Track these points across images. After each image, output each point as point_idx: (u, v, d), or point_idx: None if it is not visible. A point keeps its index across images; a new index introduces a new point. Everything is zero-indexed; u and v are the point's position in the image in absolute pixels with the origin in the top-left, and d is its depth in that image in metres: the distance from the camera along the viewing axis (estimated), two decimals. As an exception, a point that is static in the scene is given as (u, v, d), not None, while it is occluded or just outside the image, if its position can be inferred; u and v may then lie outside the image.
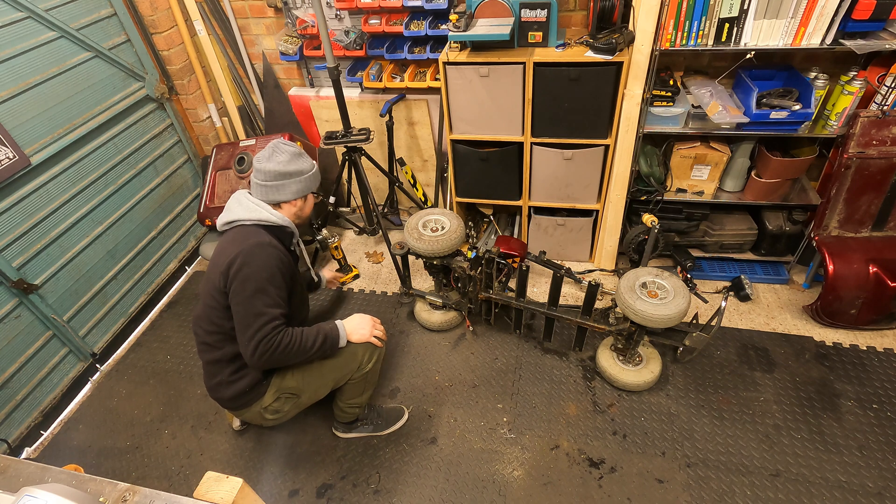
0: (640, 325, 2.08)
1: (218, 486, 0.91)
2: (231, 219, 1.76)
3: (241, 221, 1.74)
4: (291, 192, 1.78)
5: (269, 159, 1.73)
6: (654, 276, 2.10)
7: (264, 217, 1.74)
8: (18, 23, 2.22)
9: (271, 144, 1.75)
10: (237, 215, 1.75)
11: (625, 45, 2.18)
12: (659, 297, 2.02)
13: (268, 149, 1.75)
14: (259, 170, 1.74)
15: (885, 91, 2.11)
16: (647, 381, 2.23)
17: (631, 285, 2.07)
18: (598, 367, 2.34)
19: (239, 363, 1.78)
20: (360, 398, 2.05)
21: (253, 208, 1.74)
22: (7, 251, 2.25)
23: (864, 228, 2.42)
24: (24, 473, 0.98)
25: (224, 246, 1.73)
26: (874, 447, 2.01)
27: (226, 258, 1.67)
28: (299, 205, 1.84)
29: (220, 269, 1.68)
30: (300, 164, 1.77)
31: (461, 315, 2.63)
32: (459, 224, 2.39)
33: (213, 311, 1.74)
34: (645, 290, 2.07)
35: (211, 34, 3.01)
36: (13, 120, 2.23)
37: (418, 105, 2.89)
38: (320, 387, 1.91)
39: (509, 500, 1.97)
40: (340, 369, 1.91)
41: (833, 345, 2.41)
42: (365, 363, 1.93)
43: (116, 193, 2.77)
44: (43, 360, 2.46)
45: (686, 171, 2.51)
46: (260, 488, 2.10)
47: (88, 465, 2.26)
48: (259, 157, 1.74)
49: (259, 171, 1.75)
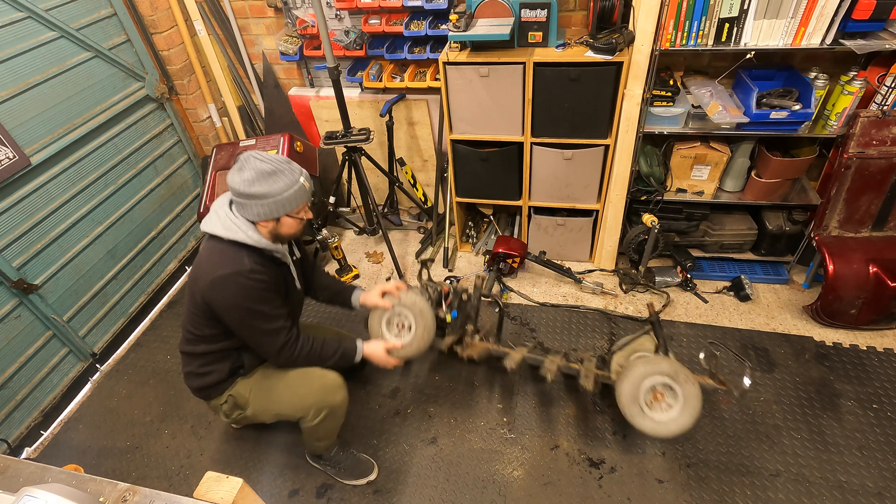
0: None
1: (218, 486, 0.91)
2: (209, 229, 1.63)
3: (219, 236, 1.60)
4: (255, 214, 1.57)
5: (236, 172, 1.54)
6: (667, 377, 1.76)
7: (239, 237, 1.58)
8: (18, 23, 2.22)
9: (243, 156, 1.56)
10: (214, 227, 1.61)
11: (625, 45, 2.18)
12: (664, 402, 1.79)
13: (239, 160, 1.56)
14: (228, 181, 1.58)
15: (885, 91, 2.11)
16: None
17: (635, 391, 1.79)
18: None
19: (208, 359, 1.77)
20: (317, 444, 1.96)
21: (229, 224, 1.59)
22: (7, 251, 2.25)
23: (864, 228, 2.42)
24: (24, 473, 0.98)
25: (202, 260, 1.64)
26: (874, 447, 2.01)
27: (203, 280, 1.59)
28: (270, 226, 1.61)
29: (199, 287, 1.61)
30: (268, 185, 1.52)
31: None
32: (428, 318, 1.94)
33: (193, 315, 1.70)
34: (650, 393, 1.81)
35: (211, 34, 3.01)
36: (13, 120, 2.23)
37: (418, 105, 2.89)
38: (264, 412, 1.85)
39: (509, 500, 1.97)
40: (285, 407, 1.82)
41: (833, 345, 2.41)
42: (310, 418, 1.81)
43: (116, 193, 2.77)
44: (43, 360, 2.46)
45: (686, 171, 2.51)
46: (260, 488, 2.09)
47: (88, 465, 2.26)
48: (232, 167, 1.58)
49: (229, 183, 1.58)
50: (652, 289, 2.76)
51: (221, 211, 1.63)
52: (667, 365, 1.78)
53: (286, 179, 1.55)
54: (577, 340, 2.55)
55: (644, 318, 2.61)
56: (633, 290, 2.78)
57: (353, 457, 2.09)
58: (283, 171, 1.55)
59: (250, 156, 1.55)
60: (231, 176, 1.55)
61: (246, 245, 1.60)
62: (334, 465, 2.06)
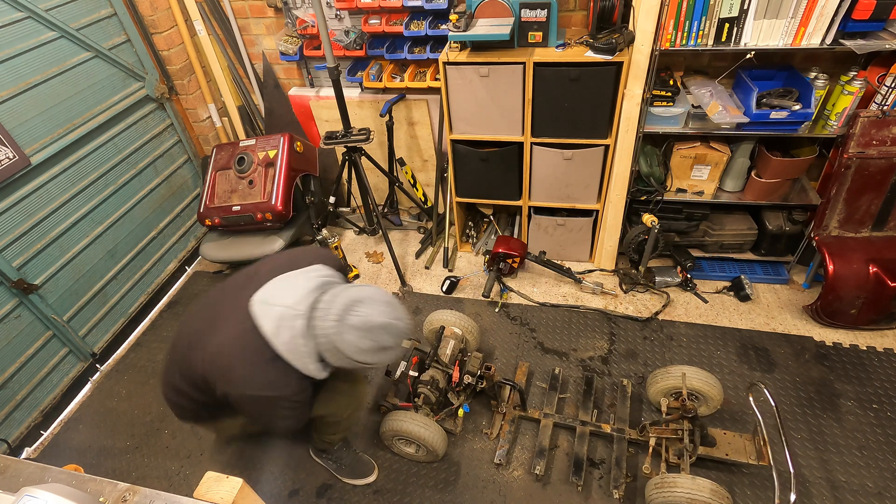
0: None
1: (218, 486, 0.91)
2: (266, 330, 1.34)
3: (271, 344, 1.34)
4: (337, 362, 1.39)
5: (357, 332, 1.31)
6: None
7: (298, 366, 1.37)
8: (18, 23, 2.22)
9: (373, 318, 1.32)
10: (273, 334, 1.33)
11: (625, 45, 2.18)
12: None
13: (366, 318, 1.32)
14: (336, 331, 1.32)
15: (885, 91, 2.11)
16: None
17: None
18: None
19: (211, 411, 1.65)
20: (333, 437, 1.94)
21: (294, 349, 1.34)
22: (7, 251, 2.25)
23: (864, 228, 2.42)
24: (24, 473, 0.98)
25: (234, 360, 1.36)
26: (874, 447, 2.01)
27: (230, 385, 1.36)
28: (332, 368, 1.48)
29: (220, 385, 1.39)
30: (375, 357, 1.38)
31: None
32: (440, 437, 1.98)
33: (185, 395, 1.55)
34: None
35: (211, 34, 3.01)
36: (13, 120, 2.23)
37: (418, 105, 2.89)
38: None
39: (509, 500, 1.97)
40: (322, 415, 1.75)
41: (833, 345, 2.41)
42: (343, 409, 1.80)
43: (116, 193, 2.77)
44: (43, 360, 2.46)
45: (686, 171, 2.51)
46: (260, 488, 2.09)
47: (88, 465, 2.26)
48: (367, 296, 1.33)
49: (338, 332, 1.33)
50: (652, 289, 2.76)
51: (294, 325, 1.34)
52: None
53: (391, 356, 1.44)
54: (577, 340, 2.55)
55: (644, 318, 2.61)
56: (633, 290, 2.78)
57: (355, 455, 2.08)
58: (395, 348, 1.42)
59: (379, 325, 1.33)
60: (339, 329, 1.31)
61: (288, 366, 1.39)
62: (336, 460, 2.05)
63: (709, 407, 2.06)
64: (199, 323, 1.53)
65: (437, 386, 2.01)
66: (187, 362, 1.49)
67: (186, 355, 1.49)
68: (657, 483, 1.70)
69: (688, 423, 1.89)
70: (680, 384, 1.97)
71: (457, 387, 2.05)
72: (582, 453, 2.01)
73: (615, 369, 2.39)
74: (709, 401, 2.02)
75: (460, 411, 2.09)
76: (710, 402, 2.02)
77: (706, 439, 1.92)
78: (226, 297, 1.54)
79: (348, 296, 1.36)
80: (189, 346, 1.49)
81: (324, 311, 1.35)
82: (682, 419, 1.90)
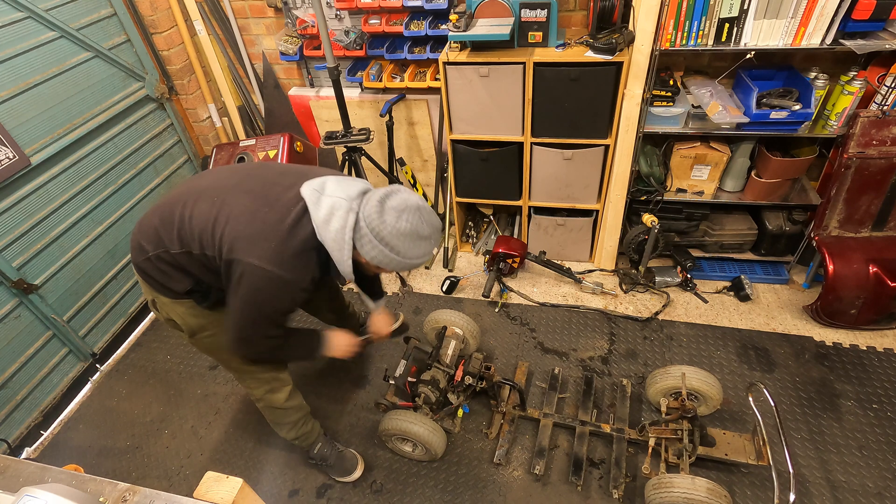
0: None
1: (218, 486, 0.91)
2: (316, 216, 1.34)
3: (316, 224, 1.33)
4: (370, 254, 1.37)
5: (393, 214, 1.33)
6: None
7: (335, 256, 1.36)
8: (18, 23, 2.22)
9: (406, 200, 1.35)
10: (322, 224, 1.33)
11: (625, 45, 2.18)
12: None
13: (400, 199, 1.35)
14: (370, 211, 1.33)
15: (885, 91, 2.11)
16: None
17: None
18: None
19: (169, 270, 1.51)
20: (279, 431, 1.94)
21: (340, 239, 1.34)
22: (7, 251, 2.25)
23: (864, 228, 2.42)
24: (24, 473, 0.98)
25: (256, 225, 1.33)
26: (874, 447, 2.01)
27: (242, 251, 1.31)
28: (363, 262, 1.45)
29: (217, 239, 1.35)
30: (412, 247, 1.37)
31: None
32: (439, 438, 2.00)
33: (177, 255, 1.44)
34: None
35: (211, 34, 3.01)
36: (13, 120, 2.23)
37: (418, 105, 2.89)
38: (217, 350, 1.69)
39: (509, 500, 1.97)
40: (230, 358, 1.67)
41: (833, 345, 2.41)
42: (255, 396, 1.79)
43: (116, 193, 2.77)
44: (43, 360, 2.46)
45: (686, 171, 2.51)
46: (260, 488, 2.10)
47: (88, 465, 2.26)
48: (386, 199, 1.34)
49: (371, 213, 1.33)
50: (652, 289, 2.76)
51: (346, 221, 1.34)
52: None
53: (428, 248, 1.41)
54: (577, 340, 2.55)
55: (644, 318, 2.61)
56: (633, 290, 2.78)
57: (338, 453, 2.08)
58: (431, 241, 1.41)
59: (415, 206, 1.36)
60: (381, 214, 1.33)
61: (320, 256, 1.39)
62: (321, 460, 2.06)
63: (708, 407, 2.06)
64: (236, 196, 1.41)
65: (437, 386, 2.01)
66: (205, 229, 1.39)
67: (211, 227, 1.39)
68: (655, 483, 1.71)
69: (687, 423, 1.89)
70: (679, 384, 1.98)
71: (457, 387, 2.06)
72: (581, 453, 2.02)
73: (615, 369, 2.39)
74: (708, 401, 2.02)
75: (459, 411, 2.10)
76: (710, 401, 2.02)
77: (706, 439, 1.92)
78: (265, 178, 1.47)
79: (388, 188, 1.39)
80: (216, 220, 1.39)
81: (367, 199, 1.37)
82: (681, 419, 1.90)
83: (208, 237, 1.38)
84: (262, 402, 1.84)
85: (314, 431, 2.02)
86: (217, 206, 1.38)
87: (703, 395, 2.00)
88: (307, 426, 1.98)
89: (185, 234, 1.42)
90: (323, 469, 2.10)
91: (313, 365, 2.55)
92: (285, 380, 1.83)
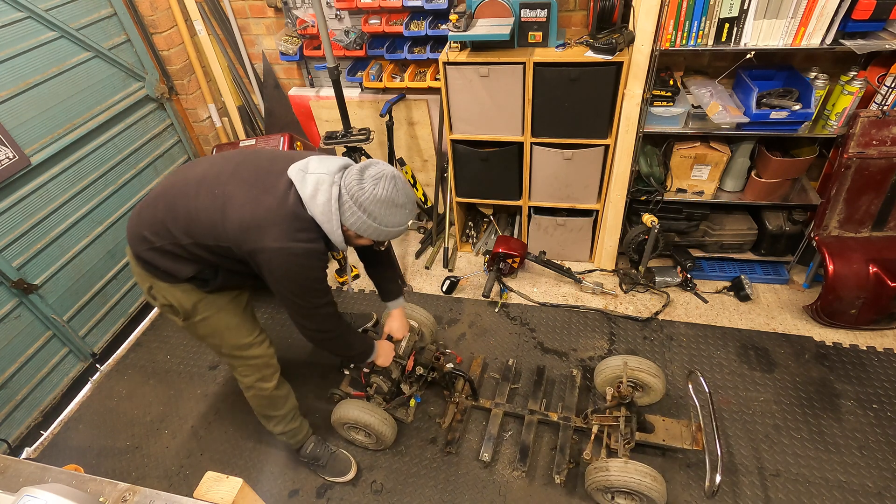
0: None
1: (218, 486, 0.91)
2: (304, 193, 1.43)
3: (304, 200, 1.42)
4: (351, 223, 1.48)
5: (371, 182, 1.43)
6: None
7: (326, 229, 1.47)
8: (18, 23, 2.22)
9: (383, 169, 1.46)
10: (310, 198, 1.43)
11: (625, 45, 2.18)
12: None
13: (377, 169, 1.46)
14: (349, 180, 1.44)
15: (885, 91, 2.11)
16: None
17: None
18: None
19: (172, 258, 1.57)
20: (268, 425, 1.99)
21: (328, 211, 1.44)
22: (7, 251, 2.25)
23: (864, 228, 2.42)
24: (24, 473, 0.98)
25: (261, 212, 1.41)
26: (874, 447, 2.01)
27: (256, 240, 1.41)
28: (351, 234, 1.55)
29: (229, 232, 1.43)
30: (390, 214, 1.47)
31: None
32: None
33: (188, 245, 1.51)
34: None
35: (211, 34, 3.01)
36: (13, 120, 2.23)
37: (418, 105, 2.89)
38: (210, 335, 1.76)
39: (509, 500, 1.97)
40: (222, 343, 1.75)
41: (833, 345, 2.41)
42: (245, 374, 1.83)
43: (116, 193, 2.77)
44: (43, 360, 2.46)
45: (686, 171, 2.51)
46: (260, 488, 2.10)
47: (88, 465, 2.26)
48: (364, 169, 1.45)
49: (350, 181, 1.44)
50: (652, 289, 2.76)
51: (331, 193, 1.44)
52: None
53: (403, 217, 1.51)
54: (577, 340, 2.55)
55: (644, 318, 2.61)
56: (633, 290, 2.78)
57: (331, 454, 2.09)
58: (406, 210, 1.50)
59: (391, 175, 1.46)
60: (361, 182, 1.43)
61: (319, 229, 1.48)
62: (313, 460, 2.07)
63: (650, 397, 2.13)
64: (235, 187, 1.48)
65: (389, 376, 2.05)
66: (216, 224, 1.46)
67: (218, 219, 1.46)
68: (595, 467, 1.82)
69: (625, 409, 1.93)
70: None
71: (409, 377, 2.11)
72: (528, 441, 2.10)
73: (615, 369, 2.39)
74: (650, 390, 2.09)
75: (412, 401, 2.15)
76: (653, 391, 2.09)
77: (644, 426, 1.96)
78: (257, 166, 1.54)
79: (367, 161, 1.52)
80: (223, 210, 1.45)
81: (348, 172, 1.49)
82: (619, 406, 1.94)
83: (220, 230, 1.46)
84: (252, 389, 1.88)
85: (303, 429, 2.05)
86: (221, 200, 1.46)
87: (646, 384, 2.07)
88: (296, 422, 2.01)
89: (194, 229, 1.49)
90: (315, 469, 2.10)
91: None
92: (275, 366, 1.89)
